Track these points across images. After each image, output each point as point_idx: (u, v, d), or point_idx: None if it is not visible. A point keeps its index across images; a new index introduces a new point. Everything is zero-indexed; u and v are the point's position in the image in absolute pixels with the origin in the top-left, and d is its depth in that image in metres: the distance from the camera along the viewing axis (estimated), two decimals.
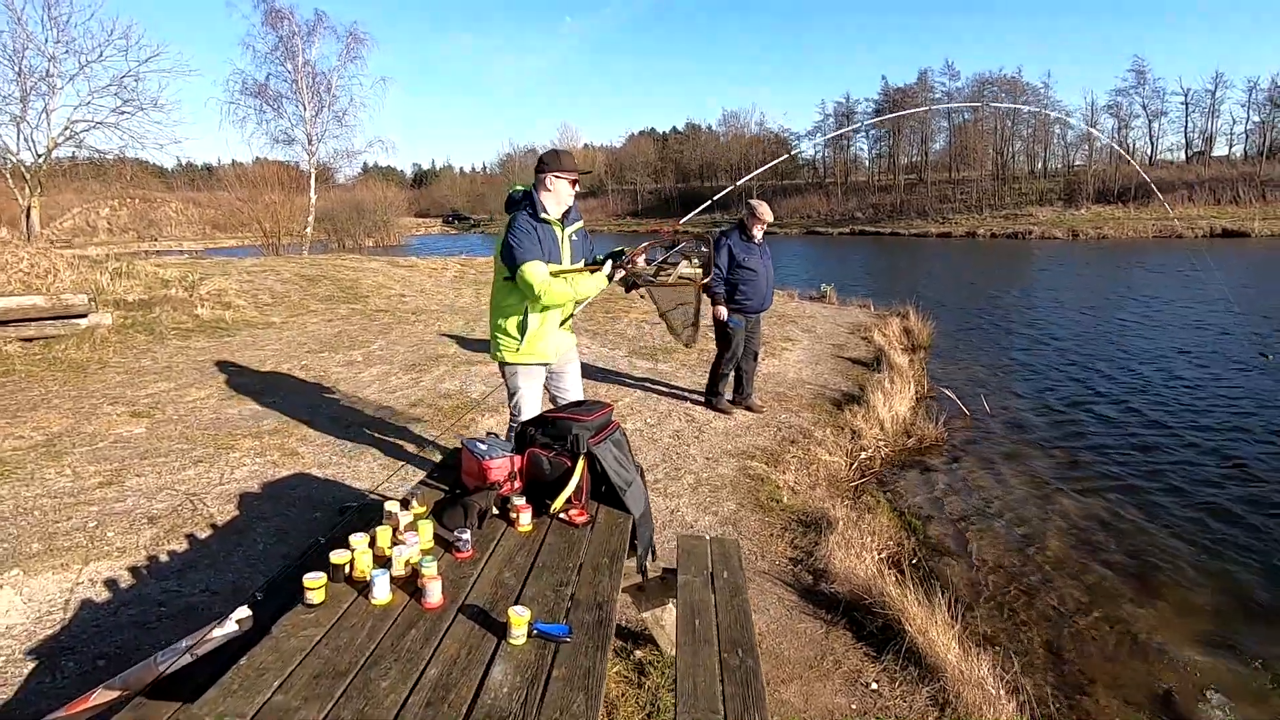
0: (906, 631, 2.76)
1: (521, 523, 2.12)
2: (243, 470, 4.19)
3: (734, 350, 5.62)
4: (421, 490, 2.27)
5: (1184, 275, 18.18)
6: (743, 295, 5.50)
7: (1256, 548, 4.21)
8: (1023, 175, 50.13)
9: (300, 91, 21.83)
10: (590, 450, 2.28)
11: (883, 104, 57.29)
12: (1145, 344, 9.82)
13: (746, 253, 5.50)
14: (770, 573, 3.40)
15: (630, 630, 2.80)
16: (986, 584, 3.86)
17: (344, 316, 9.36)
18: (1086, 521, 4.58)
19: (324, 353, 7.24)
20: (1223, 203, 38.26)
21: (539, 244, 3.16)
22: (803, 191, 58.35)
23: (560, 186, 3.24)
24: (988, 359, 9.21)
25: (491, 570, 1.87)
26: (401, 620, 1.61)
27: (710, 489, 4.33)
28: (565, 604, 1.73)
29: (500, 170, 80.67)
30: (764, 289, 5.58)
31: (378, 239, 40.09)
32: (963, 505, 4.82)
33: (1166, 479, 5.20)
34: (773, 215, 5.73)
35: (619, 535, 2.12)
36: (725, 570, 2.52)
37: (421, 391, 5.99)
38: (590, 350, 7.67)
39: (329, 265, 13.20)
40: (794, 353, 8.07)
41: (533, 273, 3.09)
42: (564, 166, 3.24)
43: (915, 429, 6.03)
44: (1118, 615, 3.56)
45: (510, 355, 3.38)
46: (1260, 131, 47.55)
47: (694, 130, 72.54)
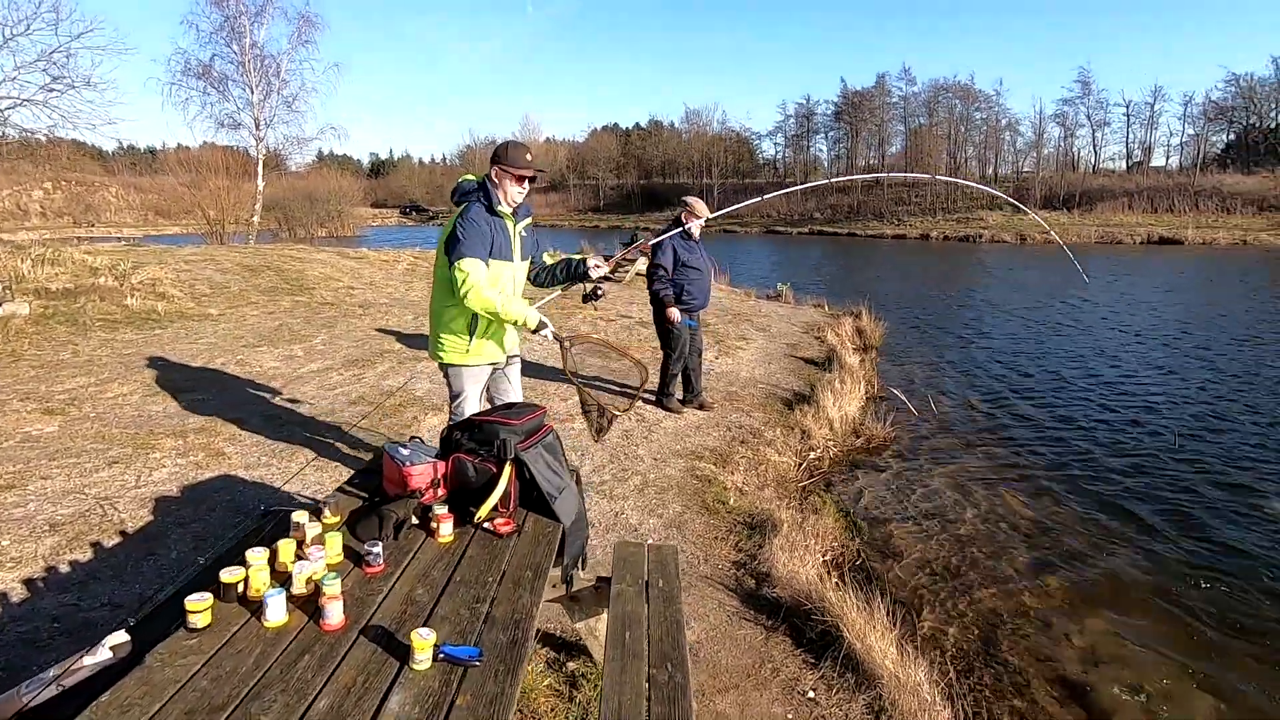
0: (845, 637, 2.74)
1: (442, 533, 2.00)
2: (162, 472, 3.95)
3: (681, 350, 5.59)
4: (336, 498, 2.13)
5: (1119, 280, 18.90)
6: (689, 295, 5.47)
7: (1196, 549, 4.31)
8: (975, 180, 51.50)
9: (248, 74, 21.03)
10: (519, 456, 2.17)
11: (842, 106, 58.19)
12: (1085, 346, 10.13)
13: (689, 252, 5.47)
14: (713, 577, 3.34)
15: (564, 640, 2.70)
16: (929, 585, 3.88)
17: (286, 309, 9.01)
18: (1029, 521, 4.66)
19: (261, 347, 6.94)
20: (1159, 211, 39.97)
21: (489, 240, 2.99)
22: (763, 191, 58.85)
23: (507, 182, 3.05)
24: (936, 359, 9.38)
25: (403, 586, 1.75)
26: (295, 645, 1.48)
27: (657, 490, 4.26)
28: (479, 623, 1.62)
29: (460, 161, 79.39)
30: (707, 287, 5.61)
31: (331, 229, 38.98)
32: (908, 505, 4.85)
33: (1110, 479, 5.33)
34: (709, 211, 5.62)
35: (545, 546, 2.02)
36: (661, 579, 2.44)
37: (363, 389, 5.77)
38: (540, 347, 7.53)
39: (274, 255, 12.73)
40: (748, 352, 8.07)
41: (472, 269, 2.91)
42: (519, 161, 3.04)
43: (864, 429, 6.07)
44: (1057, 615, 3.61)
45: (456, 357, 3.19)
46: (1194, 144, 49.89)
47: (657, 127, 72.48)
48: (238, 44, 20.75)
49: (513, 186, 3.05)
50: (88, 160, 55.26)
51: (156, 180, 49.07)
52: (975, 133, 53.80)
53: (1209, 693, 3.03)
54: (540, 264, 3.45)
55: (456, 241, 2.95)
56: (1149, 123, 51.94)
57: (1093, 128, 52.38)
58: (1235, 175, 42.03)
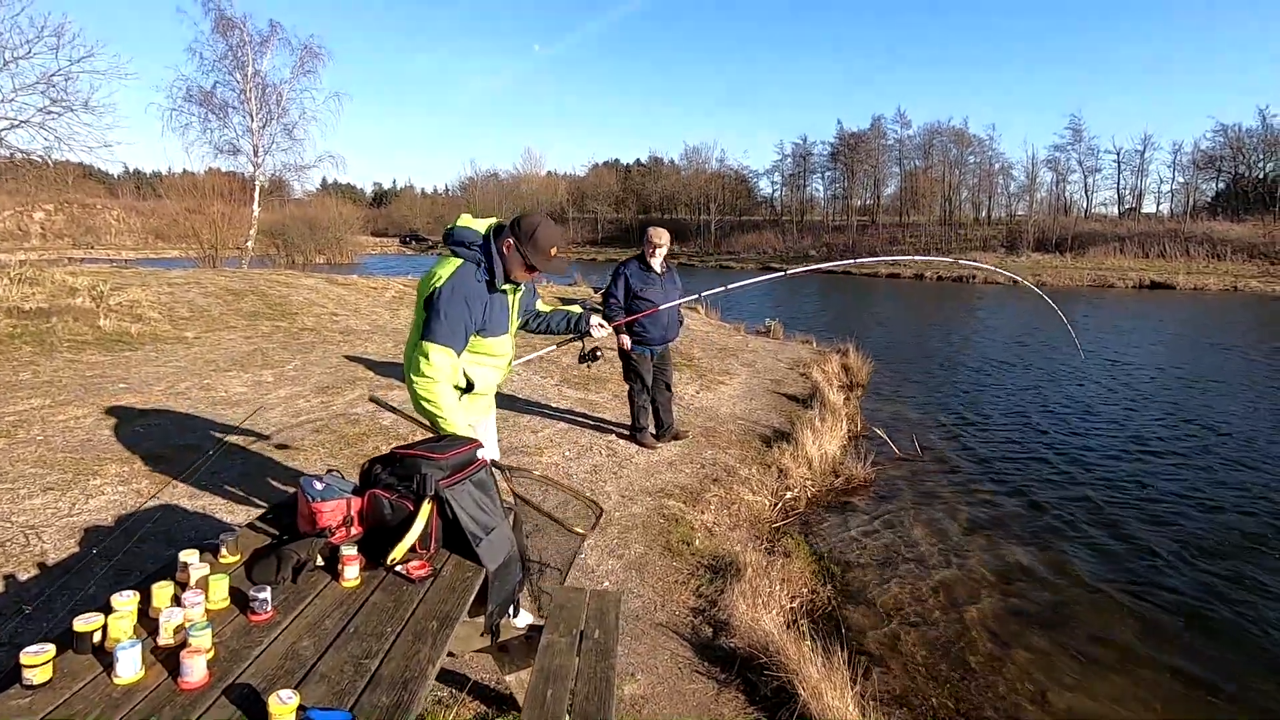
0: (800, 695, 2.55)
1: (347, 576, 1.84)
2: (99, 500, 3.77)
3: (642, 381, 5.41)
4: (234, 536, 1.97)
5: (1118, 326, 18.91)
6: (640, 328, 5.26)
7: (1183, 601, 4.13)
8: (968, 222, 52.11)
9: (248, 102, 21.25)
10: (440, 493, 2.02)
11: (838, 146, 59.15)
12: (1075, 390, 10.02)
13: (644, 283, 5.28)
14: (668, 624, 3.16)
15: (498, 694, 2.51)
16: (901, 636, 3.69)
17: (265, 334, 8.88)
18: (1008, 570, 4.48)
19: (231, 371, 6.78)
20: (1150, 256, 40.32)
21: (472, 323, 2.56)
22: (760, 228, 59.48)
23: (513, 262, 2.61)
24: (923, 399, 9.25)
25: (289, 638, 1.58)
26: (143, 706, 1.31)
27: (620, 530, 4.08)
28: (363, 682, 1.45)
29: (461, 193, 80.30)
30: (663, 320, 5.29)
31: (330, 256, 39.20)
32: (884, 550, 4.67)
33: (1094, 529, 5.16)
34: (668, 239, 5.50)
35: (460, 593, 1.85)
36: (599, 629, 2.27)
37: (329, 416, 5.61)
38: (520, 377, 7.39)
39: (260, 280, 12.65)
40: (730, 387, 7.93)
41: (440, 361, 2.50)
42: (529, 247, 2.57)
43: (844, 468, 5.91)
44: (1033, 671, 3.42)
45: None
46: (1185, 191, 50.66)
47: (657, 163, 73.53)
48: (240, 72, 21.02)
49: (519, 270, 2.62)
50: (93, 183, 55.79)
51: (158, 204, 49.42)
52: (969, 176, 54.62)
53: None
54: (532, 310, 3.10)
55: (433, 314, 2.50)
56: (1139, 170, 52.90)
57: (1084, 173, 53.29)
58: (1225, 223, 42.54)
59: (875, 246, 48.87)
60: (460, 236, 2.63)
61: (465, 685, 2.47)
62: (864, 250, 49.07)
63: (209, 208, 22.84)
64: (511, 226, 2.62)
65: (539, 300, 3.16)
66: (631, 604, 3.28)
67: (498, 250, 2.60)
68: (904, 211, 54.89)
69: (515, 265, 2.62)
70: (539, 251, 2.60)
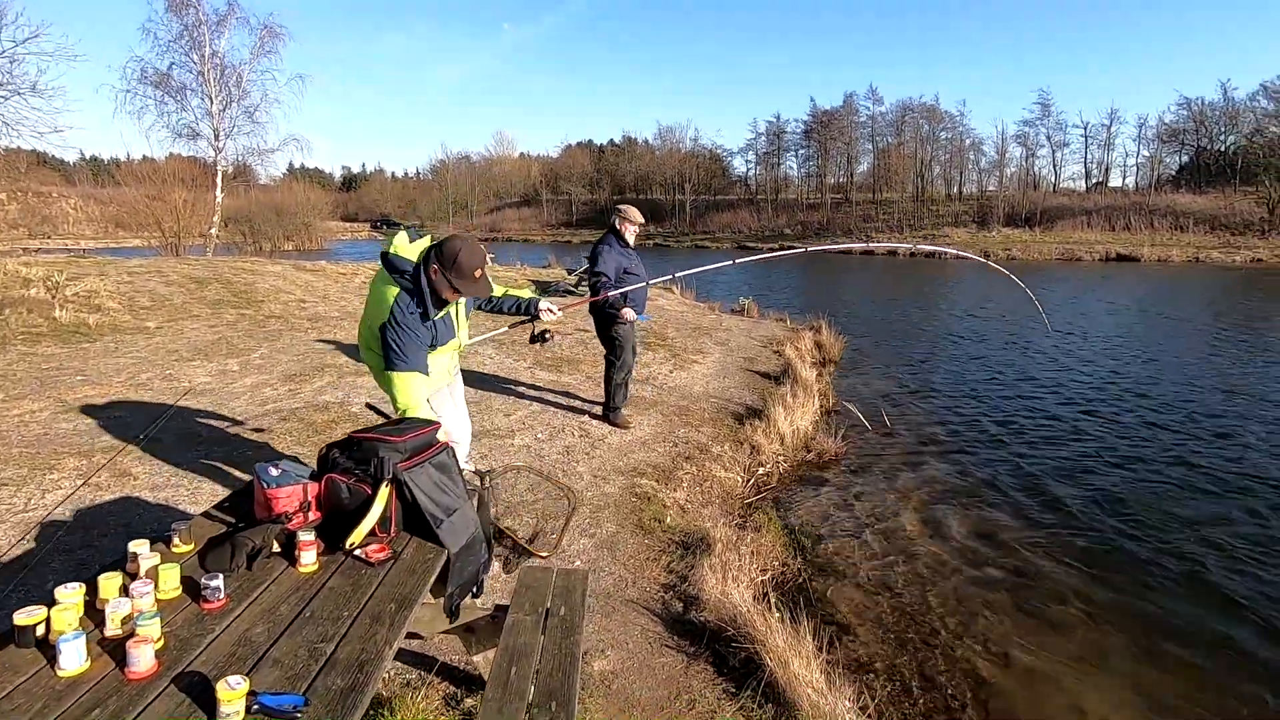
0: (767, 664, 2.59)
1: (303, 562, 1.82)
2: (57, 494, 3.68)
3: (626, 357, 5.43)
4: (187, 525, 1.94)
5: (1085, 298, 19.28)
6: (631, 300, 5.31)
7: (1144, 571, 4.21)
8: (940, 198, 52.54)
9: (207, 84, 20.59)
10: (398, 475, 2.00)
11: (811, 124, 59.11)
12: (1041, 364, 10.22)
13: (628, 259, 5.36)
14: (638, 601, 3.18)
15: (467, 674, 2.51)
16: (868, 605, 3.76)
17: (230, 322, 8.70)
18: (973, 538, 4.58)
19: (195, 361, 6.64)
20: (1116, 229, 41.09)
21: (425, 344, 2.72)
22: (734, 207, 59.42)
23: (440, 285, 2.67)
24: (894, 374, 9.37)
25: (242, 625, 1.57)
26: (88, 698, 1.29)
27: (592, 510, 4.09)
28: (318, 666, 1.44)
29: (433, 176, 78.98)
30: (646, 292, 5.48)
31: (299, 243, 38.38)
32: (854, 522, 4.75)
33: (1060, 498, 5.28)
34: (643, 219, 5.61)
35: (420, 575, 1.85)
36: (564, 606, 2.28)
37: (297, 404, 5.53)
38: (493, 360, 7.34)
39: (225, 268, 12.36)
40: (703, 365, 7.96)
41: (408, 388, 2.67)
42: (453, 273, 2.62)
43: (815, 443, 5.98)
44: (995, 636, 3.51)
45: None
46: (1149, 165, 51.55)
47: (630, 143, 72.88)
48: (197, 53, 20.34)
49: (446, 292, 2.68)
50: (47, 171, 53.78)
51: (117, 192, 47.95)
52: (941, 152, 54.97)
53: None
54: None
55: (390, 348, 2.67)
56: (1106, 144, 53.65)
57: (1052, 148, 53.90)
58: (1189, 195, 43.45)
59: (850, 224, 49.14)
60: (395, 264, 2.72)
61: (433, 667, 2.47)
62: (838, 228, 49.34)
63: (170, 194, 22.20)
64: (436, 252, 2.67)
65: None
66: (602, 582, 3.30)
67: (426, 279, 2.68)
68: (877, 189, 55.16)
69: (443, 288, 2.70)
70: (463, 276, 2.66)
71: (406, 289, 2.69)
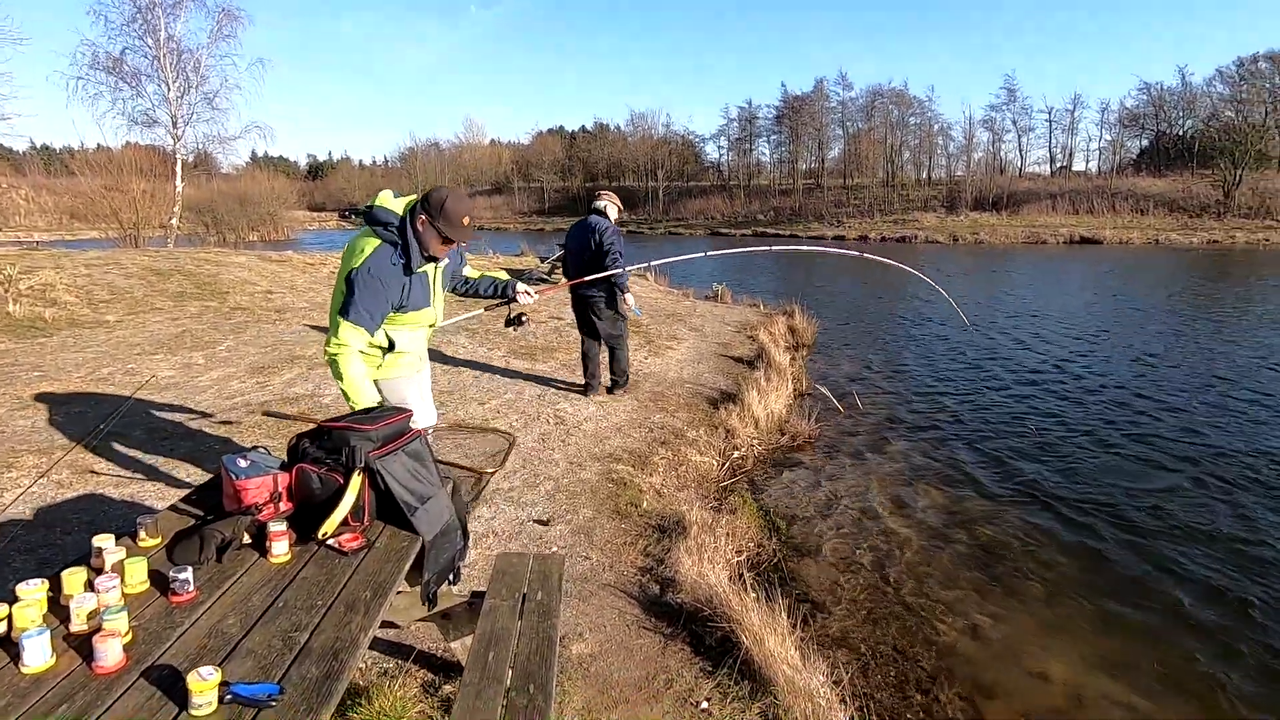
0: (743, 642, 2.63)
1: (275, 553, 1.80)
2: (16, 492, 3.58)
3: (624, 329, 5.96)
4: (154, 519, 1.90)
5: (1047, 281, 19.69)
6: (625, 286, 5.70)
7: (1102, 542, 4.35)
8: (910, 183, 53.12)
9: (163, 69, 19.95)
10: (371, 464, 1.98)
11: (783, 110, 59.24)
12: (1010, 344, 10.44)
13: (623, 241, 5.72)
14: (616, 585, 3.20)
15: (445, 661, 2.52)
16: (843, 583, 3.83)
17: (194, 315, 8.49)
18: (944, 515, 4.69)
19: (158, 354, 6.48)
20: (1080, 212, 41.99)
21: (388, 303, 2.58)
22: (707, 193, 59.42)
23: (428, 236, 2.59)
24: (865, 356, 9.50)
25: (212, 617, 1.55)
26: (54, 694, 1.27)
27: (568, 495, 4.10)
28: (292, 655, 1.44)
29: (402, 164, 77.60)
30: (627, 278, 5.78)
31: (263, 233, 37.48)
32: (827, 502, 4.83)
33: (1020, 473, 5.43)
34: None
35: (395, 562, 1.84)
36: (541, 591, 2.29)
37: (266, 396, 5.44)
38: (466, 349, 7.29)
39: (187, 259, 12.04)
40: (678, 351, 7.99)
41: (349, 338, 2.52)
42: (441, 221, 2.55)
43: (789, 426, 6.05)
44: (962, 608, 3.61)
45: (373, 372, 2.75)
46: (1111, 149, 52.67)
47: (602, 130, 72.36)
48: (152, 37, 19.67)
49: (435, 244, 2.61)
50: None
51: (71, 182, 46.29)
52: (910, 137, 55.52)
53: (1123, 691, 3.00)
54: (460, 276, 3.15)
55: (350, 292, 2.53)
56: (1070, 128, 54.74)
57: (1018, 133, 54.81)
58: (1149, 179, 44.53)
59: (822, 210, 49.50)
60: (378, 216, 2.62)
61: (410, 655, 2.47)
62: (810, 214, 49.67)
63: (128, 184, 21.47)
64: (422, 203, 2.60)
65: (467, 266, 3.22)
66: (579, 566, 3.32)
67: (413, 231, 2.59)
68: (848, 174, 55.56)
69: (431, 240, 2.62)
70: (452, 223, 2.59)
71: (390, 240, 2.57)
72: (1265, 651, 3.27)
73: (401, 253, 2.58)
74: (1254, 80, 44.83)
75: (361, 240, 2.62)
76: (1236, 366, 8.68)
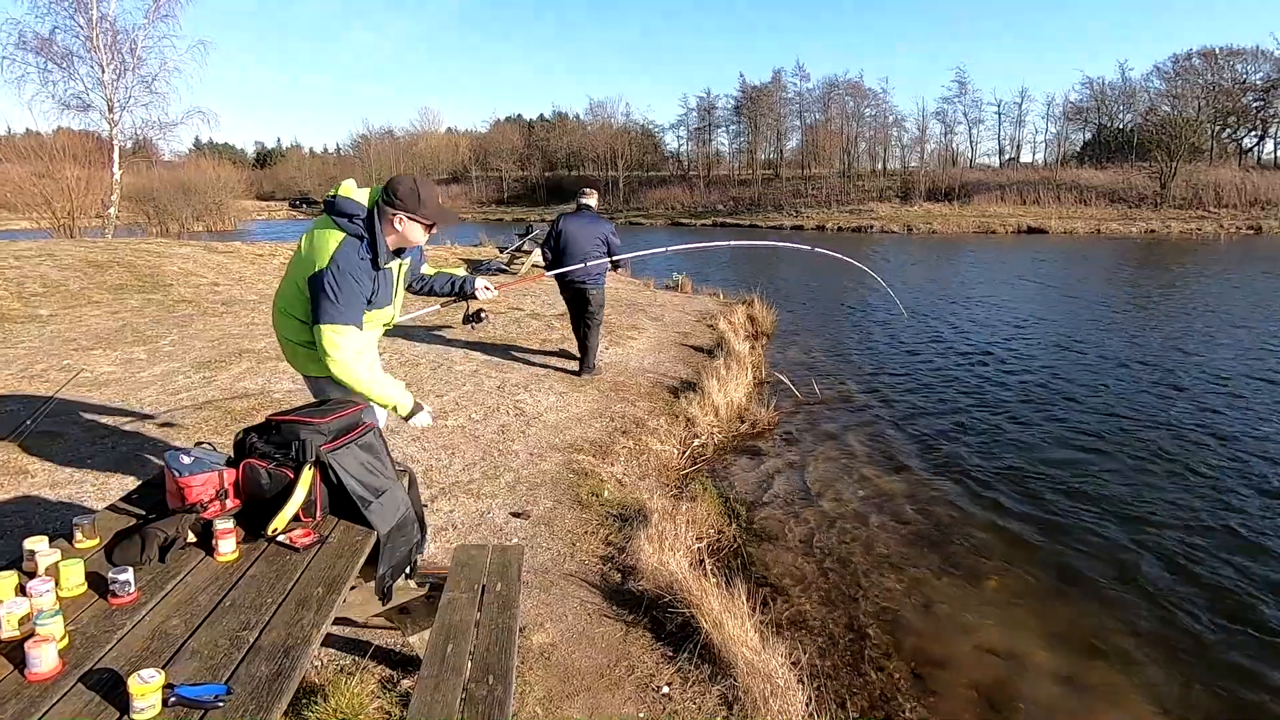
0: (702, 627, 2.67)
1: (222, 551, 1.75)
2: None
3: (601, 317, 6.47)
4: (91, 519, 1.83)
5: (997, 269, 20.29)
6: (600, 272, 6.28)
7: (1050, 519, 4.50)
8: (866, 174, 54.00)
9: (97, 50, 18.96)
10: (322, 458, 1.94)
11: (741, 100, 59.51)
12: (963, 330, 10.74)
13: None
14: (577, 574, 3.21)
15: (404, 655, 2.49)
16: (800, 565, 3.91)
17: (135, 308, 8.15)
18: (899, 498, 4.81)
19: (96, 350, 6.21)
20: (1027, 203, 43.31)
21: (364, 298, 2.49)
22: (668, 183, 59.40)
23: (414, 231, 2.55)
24: (824, 344, 9.67)
25: (156, 618, 1.50)
26: None
27: (528, 487, 4.08)
28: (240, 654, 1.40)
29: (354, 151, 75.56)
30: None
31: (209, 223, 36.10)
32: (786, 488, 4.91)
33: (972, 454, 5.60)
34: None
35: (349, 557, 1.81)
36: (500, 582, 2.28)
37: (213, 392, 5.26)
38: (423, 341, 7.16)
39: (127, 250, 11.55)
40: (639, 341, 8.00)
41: (344, 341, 2.44)
42: (424, 210, 2.51)
43: (749, 414, 6.12)
44: (916, 587, 3.71)
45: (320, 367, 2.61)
46: (1056, 141, 54.42)
47: (561, 119, 71.58)
48: (83, 16, 18.66)
49: (420, 235, 2.57)
50: None
51: None
52: (866, 128, 56.38)
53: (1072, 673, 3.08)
54: (418, 275, 3.04)
55: (324, 296, 2.41)
56: (1018, 121, 56.28)
57: (969, 125, 56.08)
58: (1091, 170, 46.10)
59: (780, 200, 49.99)
60: (343, 207, 2.49)
61: (368, 651, 2.43)
62: (769, 204, 50.12)
63: (60, 172, 20.43)
64: (393, 199, 2.48)
65: (425, 264, 3.12)
66: (540, 557, 3.31)
67: (381, 220, 2.49)
68: (806, 165, 56.17)
69: (414, 232, 2.55)
70: (430, 208, 2.53)
71: (356, 234, 2.46)
72: (1195, 612, 3.45)
73: (368, 247, 2.47)
74: (1188, 77, 46.79)
75: (324, 235, 2.48)
76: (1153, 351, 9.10)
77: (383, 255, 2.51)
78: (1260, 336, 9.84)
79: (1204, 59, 46.94)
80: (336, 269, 2.42)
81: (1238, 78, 47.24)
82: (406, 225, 2.51)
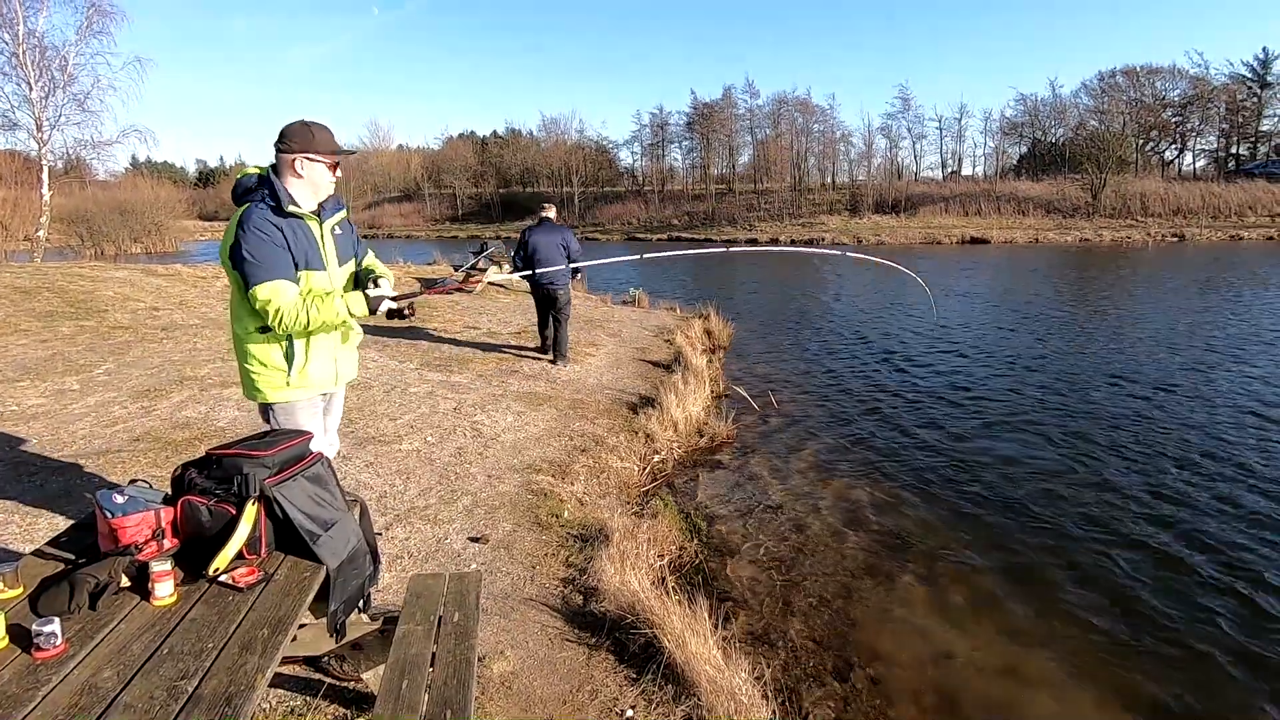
0: (665, 646, 2.65)
1: (159, 595, 1.67)
2: None
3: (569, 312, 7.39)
4: (14, 567, 1.72)
5: (943, 277, 20.96)
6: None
7: (1006, 526, 4.61)
8: (815, 187, 55.28)
9: (23, 67, 18.18)
10: (266, 492, 1.87)
11: (693, 116, 60.37)
12: (912, 344, 11.03)
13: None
14: (537, 598, 3.16)
15: (358, 693, 2.40)
16: (761, 579, 3.93)
17: (66, 336, 7.76)
18: (857, 508, 4.88)
19: (23, 381, 5.88)
20: (970, 214, 44.96)
21: (286, 250, 2.43)
22: (623, 199, 59.72)
23: (316, 172, 2.52)
24: (779, 356, 9.81)
25: (84, 671, 1.42)
26: None
27: (487, 510, 4.01)
28: (178, 705, 1.33)
29: None
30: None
31: (148, 245, 34.72)
32: (746, 501, 4.94)
33: (924, 465, 5.74)
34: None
35: (296, 596, 1.74)
36: (458, 612, 2.23)
37: (152, 423, 5.03)
38: (375, 363, 7.01)
39: (57, 275, 11.02)
40: (597, 358, 7.98)
41: (275, 294, 2.38)
42: (319, 145, 2.50)
43: (708, 428, 6.16)
44: (876, 597, 3.77)
45: (275, 392, 2.57)
46: (995, 155, 56.71)
47: (515, 135, 71.44)
48: (8, 31, 17.90)
49: (324, 176, 2.55)
50: None
51: None
52: (815, 143, 57.79)
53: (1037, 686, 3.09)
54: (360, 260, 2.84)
55: (243, 260, 2.38)
56: (958, 136, 58.49)
57: (913, 140, 58.06)
58: (1028, 182, 48.15)
59: (734, 214, 50.76)
60: (241, 184, 2.56)
61: (320, 690, 2.34)
62: (723, 218, 50.85)
63: None
64: (287, 145, 2.49)
65: (369, 254, 2.91)
66: (499, 583, 3.25)
67: (279, 171, 2.52)
68: (758, 179, 57.20)
69: (317, 172, 2.54)
70: (322, 141, 2.52)
71: (256, 200, 2.48)
72: (1155, 616, 3.59)
73: (270, 197, 2.47)
74: (1113, 93, 49.46)
75: (233, 218, 2.49)
76: (1096, 353, 9.53)
77: (285, 200, 2.47)
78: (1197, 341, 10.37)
79: (1127, 76, 49.69)
80: (244, 231, 2.41)
81: (1158, 94, 50.16)
82: (308, 167, 2.51)
